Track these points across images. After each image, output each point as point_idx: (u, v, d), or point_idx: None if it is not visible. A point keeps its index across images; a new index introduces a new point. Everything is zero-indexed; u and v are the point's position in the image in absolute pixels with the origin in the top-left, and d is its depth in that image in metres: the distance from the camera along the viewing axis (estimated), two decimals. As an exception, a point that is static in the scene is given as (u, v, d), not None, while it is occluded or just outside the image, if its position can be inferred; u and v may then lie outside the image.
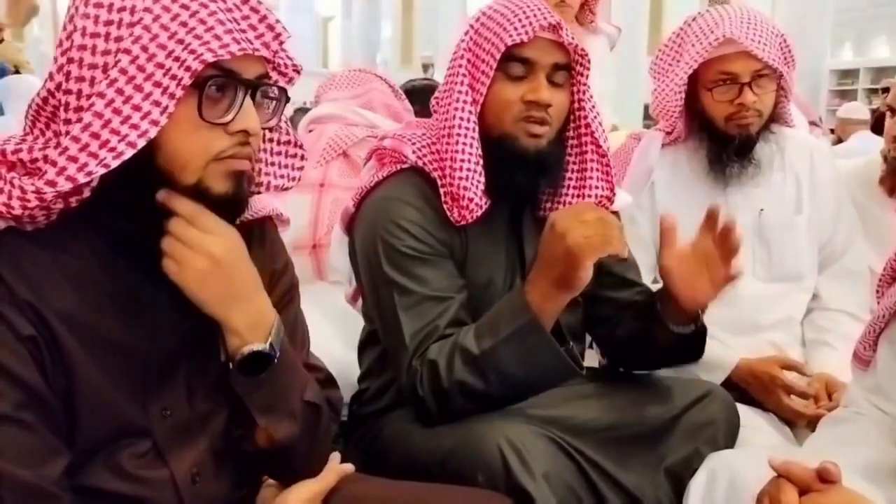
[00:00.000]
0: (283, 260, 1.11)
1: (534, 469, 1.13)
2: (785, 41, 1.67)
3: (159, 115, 0.84)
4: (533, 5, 1.29)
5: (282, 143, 1.05)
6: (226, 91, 0.88)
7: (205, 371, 0.98)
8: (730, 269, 1.25)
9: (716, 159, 1.73)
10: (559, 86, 1.31)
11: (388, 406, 1.39)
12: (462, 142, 1.29)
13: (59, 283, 0.87)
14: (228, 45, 0.85)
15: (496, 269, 1.37)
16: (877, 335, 1.22)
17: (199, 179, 0.88)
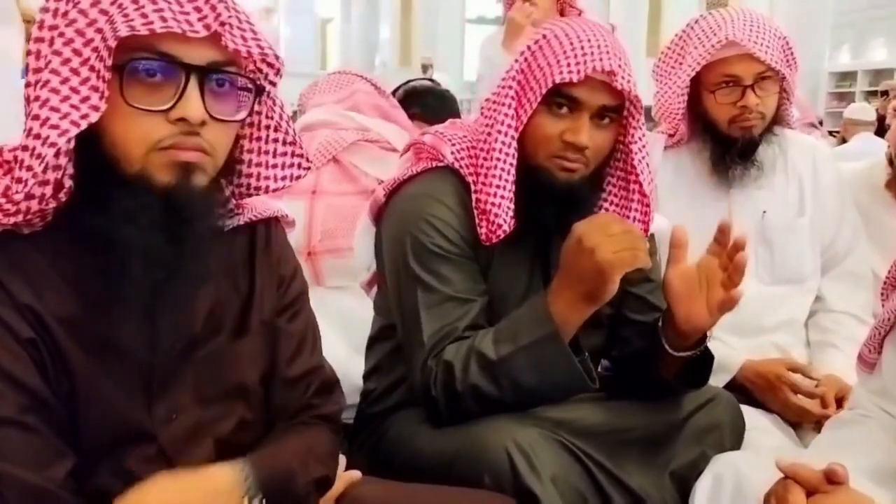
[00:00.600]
0: (292, 266, 1.09)
1: (541, 472, 1.13)
2: (787, 43, 1.68)
3: (98, 99, 0.81)
4: (594, 42, 1.24)
5: (287, 144, 1.02)
6: (164, 75, 0.84)
7: (214, 374, 0.97)
8: (731, 293, 1.20)
9: (719, 161, 1.73)
10: (603, 126, 1.27)
11: (395, 405, 1.39)
12: (501, 167, 1.27)
13: (58, 285, 0.86)
14: (152, 23, 0.81)
15: (515, 286, 1.35)
16: (882, 338, 1.22)
17: (141, 168, 0.84)
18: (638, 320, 1.43)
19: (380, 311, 1.48)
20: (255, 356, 1.03)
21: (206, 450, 0.97)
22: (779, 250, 1.75)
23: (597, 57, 1.22)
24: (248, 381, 1.02)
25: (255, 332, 1.01)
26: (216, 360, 0.96)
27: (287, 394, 1.06)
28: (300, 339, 1.07)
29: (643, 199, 1.35)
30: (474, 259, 1.32)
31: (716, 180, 1.75)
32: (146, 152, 0.84)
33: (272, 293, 1.05)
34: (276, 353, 1.05)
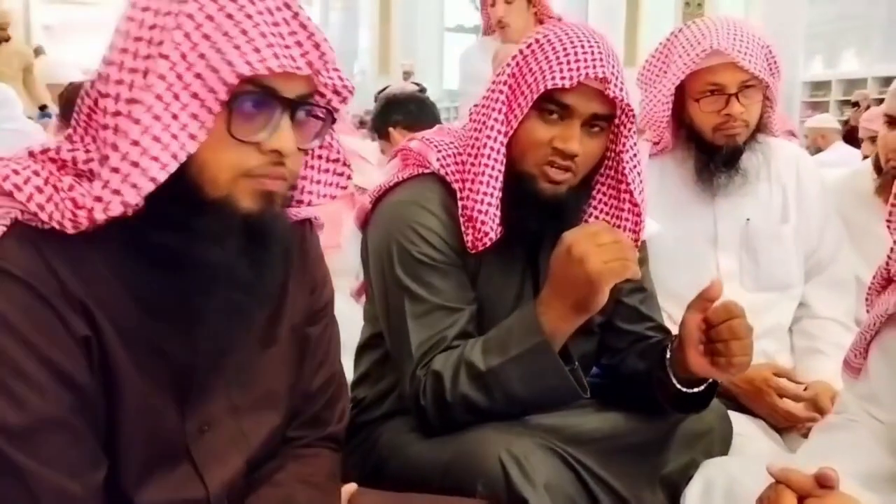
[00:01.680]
0: (323, 272, 1.09)
1: (534, 479, 1.12)
2: (770, 52, 1.69)
3: (197, 129, 0.81)
4: (587, 48, 1.22)
5: (330, 161, 1.02)
6: (263, 108, 0.84)
7: (245, 382, 0.96)
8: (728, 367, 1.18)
9: (703, 169, 1.74)
10: (594, 134, 1.26)
11: (386, 414, 1.38)
12: (489, 173, 1.26)
13: (111, 284, 0.85)
14: (267, 60, 0.81)
15: (505, 293, 1.34)
16: (867, 343, 1.23)
17: (227, 194, 0.84)
18: (629, 330, 1.43)
19: (368, 319, 1.47)
20: (285, 363, 1.02)
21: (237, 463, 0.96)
22: (763, 257, 1.76)
23: (590, 63, 1.21)
24: (278, 388, 1.01)
25: (284, 339, 1.01)
26: (247, 367, 0.95)
27: (304, 404, 1.06)
28: (326, 348, 1.07)
29: (634, 207, 1.34)
30: (462, 267, 1.31)
31: (700, 188, 1.76)
32: (234, 179, 0.84)
33: (304, 299, 1.04)
34: (303, 363, 1.05)
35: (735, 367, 1.17)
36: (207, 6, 0.81)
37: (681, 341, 1.23)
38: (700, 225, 1.78)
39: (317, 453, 1.08)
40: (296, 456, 1.05)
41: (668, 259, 1.73)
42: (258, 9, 0.83)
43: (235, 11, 0.82)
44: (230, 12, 0.82)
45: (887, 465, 1.16)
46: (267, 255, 0.89)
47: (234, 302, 0.87)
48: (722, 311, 1.17)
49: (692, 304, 1.22)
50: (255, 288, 0.88)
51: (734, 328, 1.16)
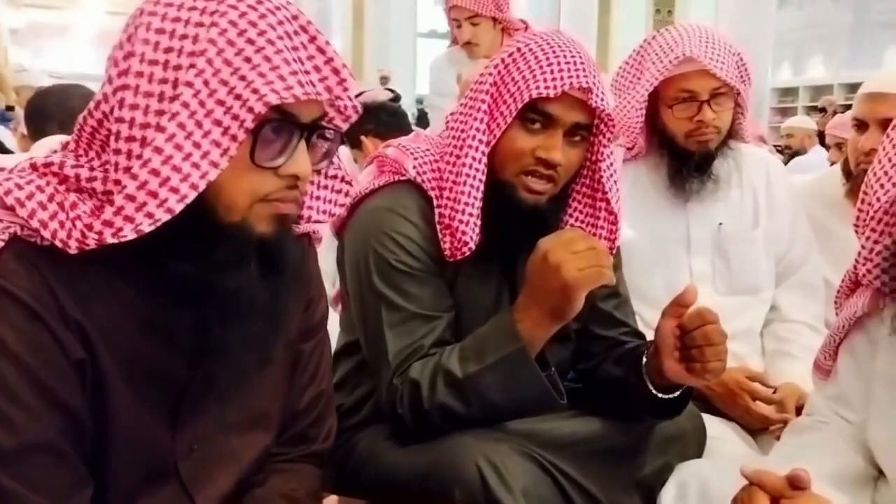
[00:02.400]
0: (319, 287, 1.08)
1: (512, 485, 1.12)
2: (741, 60, 1.72)
3: (219, 156, 0.79)
4: (570, 58, 1.23)
5: (329, 178, 1.02)
6: (280, 133, 0.83)
7: (241, 404, 0.95)
8: (703, 372, 1.18)
9: (676, 175, 1.76)
10: (575, 143, 1.27)
11: (363, 421, 1.38)
12: (470, 182, 1.26)
13: (106, 305, 0.83)
14: (293, 88, 0.80)
15: (482, 301, 1.34)
16: (837, 345, 1.25)
17: (243, 219, 0.84)
18: (604, 335, 1.44)
19: (344, 327, 1.47)
20: (279, 381, 1.01)
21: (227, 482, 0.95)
22: (735, 261, 1.78)
23: (573, 73, 1.22)
24: (272, 408, 1.01)
25: (278, 356, 1.00)
26: (242, 385, 0.94)
27: (291, 421, 1.06)
28: (316, 365, 1.06)
29: (610, 216, 1.35)
30: (439, 275, 1.31)
31: (673, 193, 1.78)
32: (251, 204, 0.84)
33: (300, 315, 1.03)
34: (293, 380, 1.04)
35: (710, 373, 1.18)
36: (229, 31, 0.80)
37: (656, 348, 1.24)
38: (673, 229, 1.80)
39: (299, 468, 1.07)
40: (278, 470, 1.05)
41: (642, 263, 1.75)
42: (278, 34, 0.82)
43: (256, 36, 0.81)
44: (251, 37, 0.80)
45: (856, 465, 1.18)
46: (282, 279, 0.89)
47: (254, 331, 0.87)
48: (696, 318, 1.18)
49: (667, 310, 1.23)
50: (273, 315, 0.88)
51: (708, 334, 1.17)
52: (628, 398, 1.32)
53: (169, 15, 0.81)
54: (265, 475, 1.03)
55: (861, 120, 1.82)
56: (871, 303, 1.17)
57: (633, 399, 1.31)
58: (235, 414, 0.96)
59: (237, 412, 0.96)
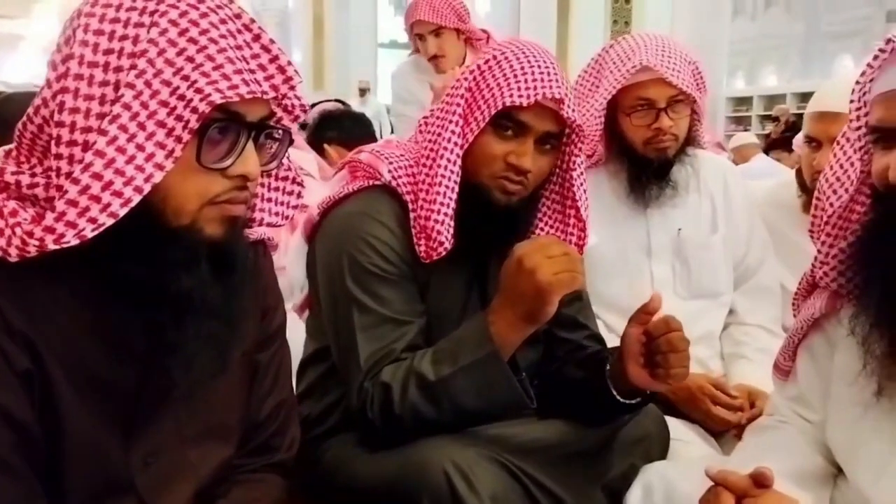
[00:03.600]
0: (276, 296, 1.07)
1: (480, 491, 1.12)
2: (697, 68, 1.75)
3: (164, 158, 0.78)
4: (544, 68, 1.26)
5: (279, 179, 1.01)
6: (227, 133, 0.82)
7: (194, 412, 0.94)
8: (667, 378, 1.21)
9: (635, 182, 1.79)
10: (545, 151, 1.29)
11: (331, 430, 1.37)
12: (445, 184, 1.27)
13: (53, 315, 0.81)
14: (238, 87, 0.79)
15: (453, 305, 1.35)
16: (795, 346, 1.28)
17: (192, 222, 0.82)
18: (567, 338, 1.46)
19: (312, 333, 1.46)
20: (236, 391, 1.00)
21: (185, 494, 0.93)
22: (694, 266, 1.81)
23: (547, 84, 1.24)
24: (230, 418, 0.99)
25: (235, 366, 0.98)
26: (196, 396, 0.92)
27: (252, 432, 1.04)
28: (275, 374, 1.05)
29: (579, 223, 1.38)
30: (412, 279, 1.31)
31: (633, 200, 1.80)
32: (200, 207, 0.82)
33: (255, 324, 1.02)
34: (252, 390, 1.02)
35: (673, 378, 1.20)
36: (169, 31, 0.79)
37: (621, 354, 1.26)
38: (634, 236, 1.82)
39: (263, 479, 1.06)
40: (240, 481, 1.03)
41: (604, 269, 1.77)
42: (220, 32, 0.81)
43: (198, 36, 0.80)
44: (193, 36, 0.79)
45: (816, 464, 1.20)
46: (234, 280, 0.87)
47: (209, 332, 0.85)
48: (662, 325, 1.20)
49: (633, 317, 1.25)
50: (228, 315, 0.87)
51: (672, 341, 1.19)
52: (589, 401, 1.34)
53: (107, 16, 0.80)
54: (227, 487, 1.01)
55: (812, 138, 1.86)
56: (828, 304, 1.20)
57: (595, 402, 1.33)
58: (192, 425, 0.95)
59: (193, 424, 0.95)
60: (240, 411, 1.02)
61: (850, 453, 1.15)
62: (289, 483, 1.11)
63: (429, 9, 3.00)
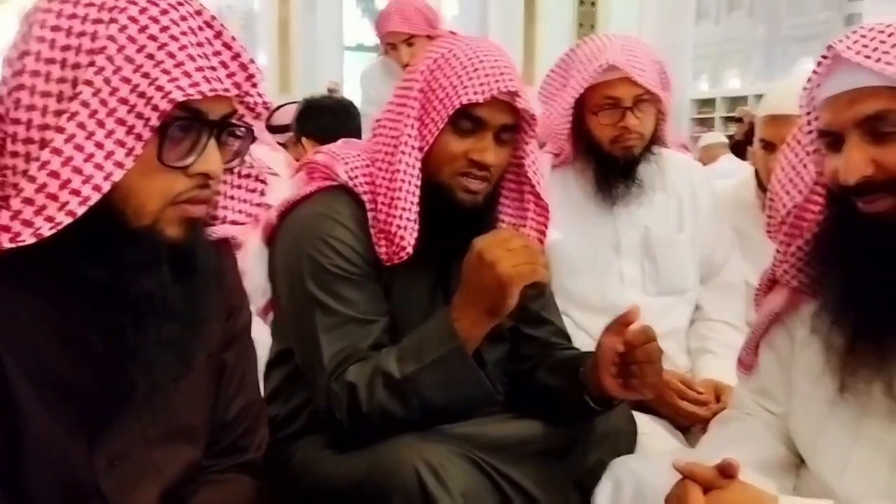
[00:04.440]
0: (241, 295, 1.06)
1: (451, 488, 1.12)
2: (662, 68, 1.78)
3: (124, 156, 0.77)
4: (495, 62, 1.26)
5: (242, 177, 1.00)
6: (189, 131, 0.81)
7: (159, 414, 0.92)
8: (642, 388, 1.22)
9: (602, 180, 1.80)
10: (503, 144, 1.30)
11: (298, 431, 1.35)
12: (406, 188, 1.26)
13: (12, 316, 0.80)
14: (199, 84, 0.79)
15: (417, 304, 1.35)
16: (758, 341, 1.30)
17: (154, 222, 0.81)
18: (534, 335, 1.47)
19: (276, 335, 1.45)
20: (202, 393, 0.99)
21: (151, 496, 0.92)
22: (662, 264, 1.84)
23: (499, 78, 1.25)
24: (196, 420, 0.98)
25: (200, 367, 0.97)
26: (161, 398, 0.91)
27: (221, 433, 1.03)
28: (242, 375, 1.04)
29: (539, 207, 1.39)
30: (374, 278, 1.31)
31: (600, 198, 1.82)
32: (162, 207, 0.81)
33: (221, 324, 1.01)
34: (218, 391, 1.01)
35: (647, 388, 1.21)
36: (129, 27, 0.78)
37: (595, 363, 1.27)
38: (602, 233, 1.84)
39: (232, 479, 1.05)
40: (209, 482, 1.02)
41: (573, 266, 1.79)
42: (181, 29, 0.80)
43: (158, 32, 0.79)
44: (153, 33, 0.78)
45: (779, 454, 1.23)
46: (196, 281, 0.87)
47: (170, 334, 0.84)
48: (641, 335, 1.21)
49: (609, 327, 1.25)
50: (190, 317, 0.86)
51: (649, 352, 1.20)
52: (562, 405, 1.34)
53: (65, 12, 0.78)
54: (196, 487, 1.00)
55: (766, 141, 1.90)
56: (788, 301, 1.22)
57: (567, 407, 1.34)
58: (156, 427, 0.93)
59: (158, 425, 0.93)
60: (206, 412, 1.01)
61: (813, 445, 1.17)
62: (259, 483, 1.10)
63: (400, 19, 3.00)
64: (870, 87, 1.00)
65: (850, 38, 1.04)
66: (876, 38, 1.01)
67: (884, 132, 1.00)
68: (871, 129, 1.01)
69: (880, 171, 1.00)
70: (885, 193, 1.01)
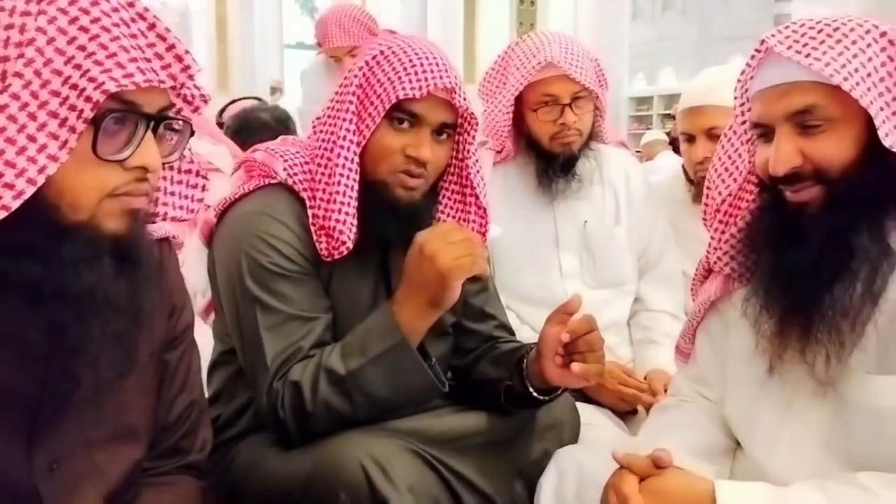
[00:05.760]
0: (182, 295, 1.05)
1: (398, 483, 1.13)
2: (598, 65, 1.82)
3: (57, 149, 0.75)
4: (433, 60, 1.27)
5: (182, 172, 0.98)
6: (125, 124, 0.80)
7: (104, 417, 0.90)
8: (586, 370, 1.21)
9: (543, 175, 1.83)
10: (442, 141, 1.30)
11: (242, 432, 1.34)
12: (344, 183, 1.26)
13: None
14: (133, 75, 0.77)
15: (359, 300, 1.34)
16: (695, 329, 1.34)
17: (91, 216, 0.80)
18: (477, 329, 1.48)
19: (218, 336, 1.43)
20: (144, 392, 0.97)
21: (93, 500, 0.90)
22: (600, 257, 1.88)
23: (437, 74, 1.25)
24: (138, 420, 0.96)
25: (143, 366, 0.95)
26: (102, 398, 0.89)
27: (163, 434, 1.02)
28: (185, 375, 1.03)
29: (479, 210, 1.40)
30: (315, 275, 1.30)
31: (541, 193, 1.85)
32: (98, 200, 0.79)
33: (163, 323, 0.99)
34: (161, 392, 1.00)
35: (591, 377, 1.23)
36: (59, 19, 0.76)
37: (538, 352, 1.28)
38: (542, 228, 1.87)
39: (176, 480, 1.04)
40: (152, 484, 1.01)
41: (514, 261, 1.81)
42: (113, 21, 0.79)
43: (89, 24, 0.77)
44: (84, 25, 0.77)
45: (717, 439, 1.27)
46: (139, 275, 0.85)
47: (115, 329, 0.83)
48: (584, 325, 1.23)
49: (551, 317, 1.27)
50: (134, 311, 0.85)
51: (591, 341, 1.22)
52: (505, 397, 1.36)
53: None
54: (138, 490, 0.98)
55: (687, 134, 1.96)
56: (722, 287, 1.26)
57: (511, 398, 1.35)
58: (98, 428, 0.92)
59: (100, 426, 0.92)
60: (149, 413, 0.99)
61: (746, 427, 1.21)
62: (203, 484, 1.08)
63: (340, 32, 2.97)
64: (799, 82, 1.04)
65: (782, 32, 1.07)
66: (807, 33, 1.05)
67: (811, 125, 1.04)
68: (799, 123, 1.05)
69: (808, 163, 1.05)
70: (811, 183, 1.05)
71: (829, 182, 1.04)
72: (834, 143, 1.03)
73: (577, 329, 1.22)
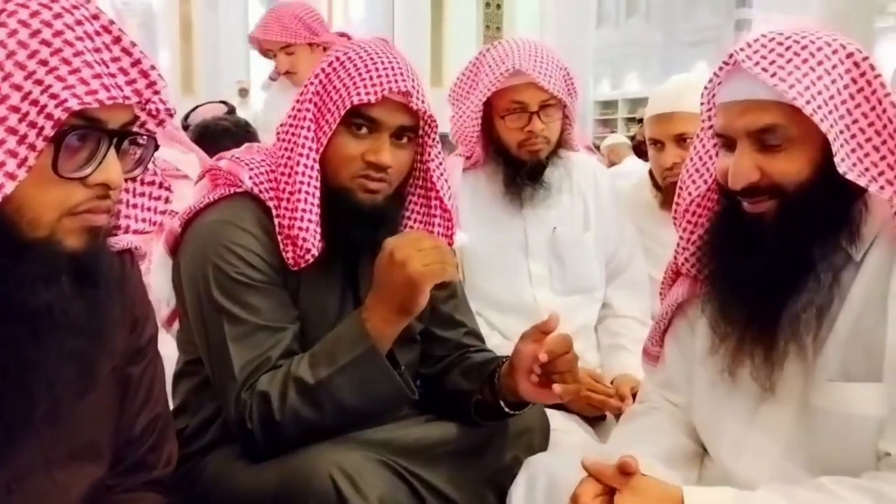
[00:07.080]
0: (145, 307, 1.03)
1: (368, 494, 1.12)
2: (568, 73, 1.83)
3: (16, 167, 0.73)
4: (388, 63, 1.26)
5: (145, 184, 0.96)
6: (87, 140, 0.78)
7: (60, 433, 0.88)
8: (561, 395, 1.21)
9: (511, 182, 1.84)
10: (402, 145, 1.29)
11: (209, 444, 1.32)
12: (305, 190, 1.25)
13: None
14: (97, 92, 0.75)
15: (327, 309, 1.34)
16: (662, 333, 1.35)
17: (50, 234, 0.77)
18: (446, 336, 1.48)
19: (182, 347, 1.40)
20: (106, 409, 0.95)
21: None
22: (569, 263, 1.89)
23: (392, 78, 1.25)
24: (100, 437, 0.94)
25: (104, 381, 0.93)
26: (62, 416, 0.86)
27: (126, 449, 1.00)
28: (148, 388, 1.01)
29: (445, 213, 1.40)
30: (282, 285, 1.29)
31: (509, 200, 1.86)
32: (58, 217, 0.77)
33: (125, 337, 0.97)
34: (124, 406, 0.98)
35: (567, 395, 1.23)
36: (19, 32, 0.74)
37: (512, 368, 1.28)
38: (512, 235, 1.88)
39: (140, 498, 1.01)
40: (116, 502, 0.98)
41: (484, 268, 1.82)
42: (77, 34, 0.77)
43: (52, 38, 0.75)
44: (46, 38, 0.75)
45: (684, 445, 1.28)
46: (99, 293, 0.83)
47: (72, 348, 0.80)
48: (563, 344, 1.23)
49: (527, 334, 1.27)
50: (93, 330, 0.83)
51: (568, 360, 1.23)
52: (476, 409, 1.36)
53: None
54: None
55: (655, 140, 1.99)
56: (689, 290, 1.28)
57: (481, 410, 1.35)
58: (58, 446, 0.89)
59: (59, 444, 0.89)
60: (110, 428, 0.97)
61: (711, 432, 1.23)
62: (169, 501, 1.06)
63: (277, 26, 2.90)
64: (763, 101, 1.06)
65: (751, 46, 1.08)
66: (774, 49, 1.06)
67: (771, 144, 1.06)
68: (759, 140, 1.07)
69: (765, 178, 1.07)
70: (767, 196, 1.08)
71: (783, 196, 1.07)
72: (791, 162, 1.06)
73: (556, 349, 1.23)
